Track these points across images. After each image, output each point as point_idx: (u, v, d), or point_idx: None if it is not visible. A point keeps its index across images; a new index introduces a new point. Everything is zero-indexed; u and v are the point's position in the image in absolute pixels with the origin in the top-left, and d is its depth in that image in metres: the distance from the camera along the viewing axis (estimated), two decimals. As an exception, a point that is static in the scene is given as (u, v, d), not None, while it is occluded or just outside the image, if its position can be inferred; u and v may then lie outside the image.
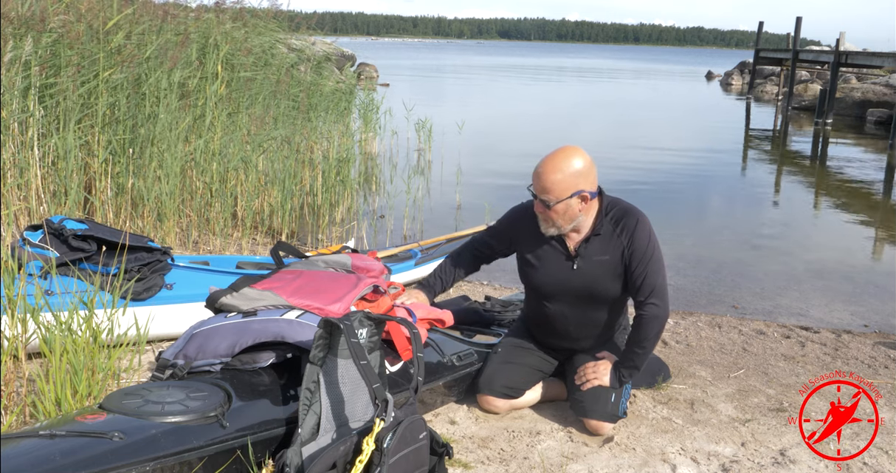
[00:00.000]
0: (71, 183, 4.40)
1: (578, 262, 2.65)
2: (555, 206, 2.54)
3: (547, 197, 2.54)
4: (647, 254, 2.61)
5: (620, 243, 2.62)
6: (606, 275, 2.64)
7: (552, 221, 2.59)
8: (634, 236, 2.61)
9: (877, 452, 2.60)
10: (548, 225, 2.62)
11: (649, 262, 2.61)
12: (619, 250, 2.62)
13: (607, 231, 2.64)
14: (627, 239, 2.61)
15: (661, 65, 72.79)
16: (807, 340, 4.01)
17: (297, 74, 8.15)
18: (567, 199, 2.53)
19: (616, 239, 2.63)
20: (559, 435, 2.63)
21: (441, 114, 12.79)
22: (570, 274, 2.67)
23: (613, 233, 2.64)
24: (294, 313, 2.38)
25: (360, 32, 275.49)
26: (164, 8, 6.33)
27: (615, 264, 2.63)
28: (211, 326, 2.33)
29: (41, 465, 1.68)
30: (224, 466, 1.95)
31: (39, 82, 4.48)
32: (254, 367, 2.25)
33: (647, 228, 2.64)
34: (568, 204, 2.55)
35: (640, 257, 2.60)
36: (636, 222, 2.63)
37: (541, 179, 2.54)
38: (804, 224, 7.77)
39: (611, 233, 2.64)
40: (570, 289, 2.69)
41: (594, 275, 2.64)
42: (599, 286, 2.65)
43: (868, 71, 21.49)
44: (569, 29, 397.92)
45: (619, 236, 2.63)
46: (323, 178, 6.22)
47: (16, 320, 2.45)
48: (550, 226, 2.62)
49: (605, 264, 2.63)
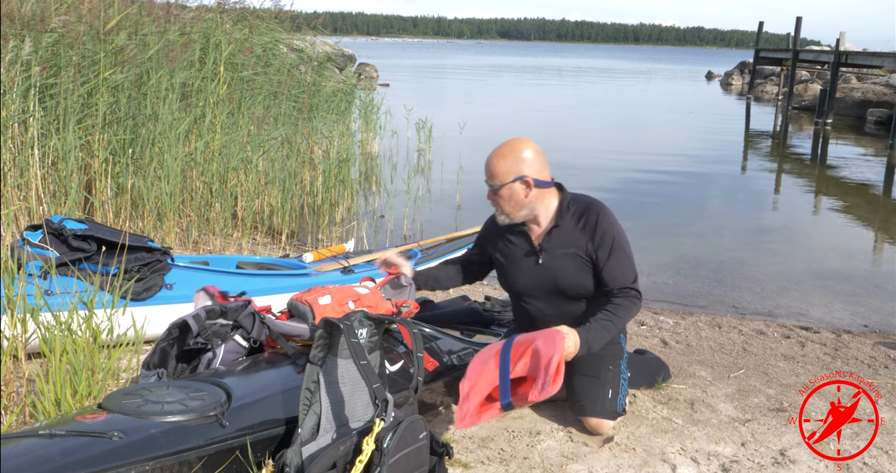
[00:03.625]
0: (71, 183, 4.40)
1: (543, 256, 2.67)
2: (500, 190, 2.61)
3: (492, 182, 2.63)
4: (614, 246, 2.61)
5: (584, 236, 2.62)
6: (573, 268, 2.64)
7: (500, 207, 2.66)
8: (597, 229, 2.61)
9: (877, 452, 2.60)
10: (498, 213, 2.69)
11: (617, 253, 2.61)
12: (583, 243, 2.62)
13: (569, 224, 2.65)
14: (591, 233, 2.62)
15: (661, 65, 72.78)
16: (807, 340, 4.01)
17: (297, 74, 8.15)
18: (510, 183, 2.59)
19: (579, 233, 2.63)
20: (559, 435, 2.63)
21: (441, 114, 12.80)
22: (536, 269, 2.69)
23: (576, 227, 2.64)
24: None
25: (361, 32, 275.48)
26: (165, 8, 6.33)
27: (580, 257, 2.63)
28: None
29: (41, 465, 1.68)
30: (224, 466, 1.95)
31: (40, 82, 4.48)
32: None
33: (609, 219, 2.64)
34: (511, 188, 2.60)
35: (607, 250, 2.60)
36: (598, 215, 2.63)
37: (487, 165, 2.64)
38: (804, 224, 7.77)
39: (573, 226, 2.64)
40: (539, 285, 2.70)
41: (560, 269, 2.65)
42: (567, 280, 2.65)
43: (868, 71, 21.49)
44: (569, 29, 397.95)
45: (581, 230, 2.63)
46: (323, 178, 6.22)
47: (15, 320, 2.45)
48: (500, 213, 2.68)
49: (569, 258, 2.63)
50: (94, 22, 4.90)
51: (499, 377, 2.40)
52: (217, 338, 2.44)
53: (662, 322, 4.22)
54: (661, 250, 6.21)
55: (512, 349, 2.44)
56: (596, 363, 2.67)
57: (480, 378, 2.38)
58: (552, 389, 2.30)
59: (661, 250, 6.18)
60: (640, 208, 7.84)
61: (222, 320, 2.49)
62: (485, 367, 2.41)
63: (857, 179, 10.62)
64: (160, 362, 2.37)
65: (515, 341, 2.47)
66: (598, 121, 17.64)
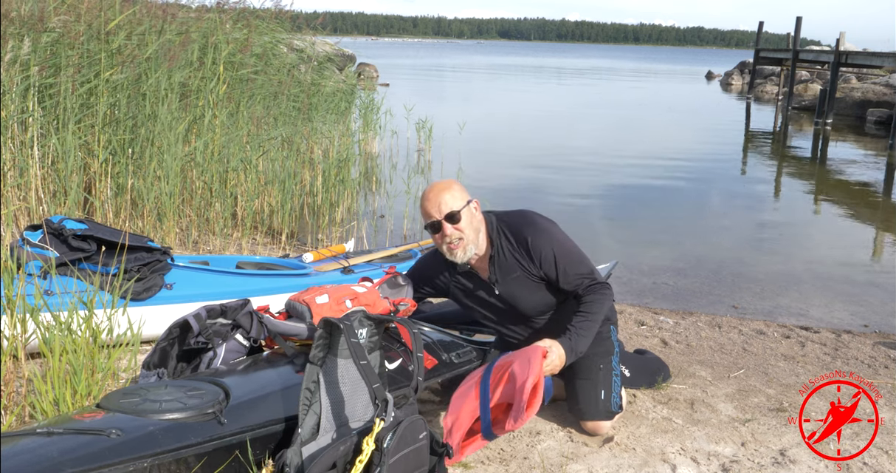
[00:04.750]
0: (71, 183, 4.40)
1: (498, 287, 2.64)
2: (458, 216, 2.51)
3: (450, 211, 2.51)
4: (557, 258, 2.57)
5: (524, 259, 2.59)
6: (529, 290, 2.62)
7: (465, 236, 2.54)
8: (532, 249, 2.57)
9: (877, 452, 2.60)
10: (462, 245, 2.55)
11: (563, 260, 2.57)
12: (525, 265, 2.59)
13: (506, 249, 2.61)
14: (528, 255, 2.58)
15: (661, 65, 72.79)
16: (807, 340, 4.01)
17: (297, 74, 8.14)
18: (466, 206, 2.54)
19: (519, 256, 2.59)
20: (559, 435, 2.63)
21: (441, 114, 12.79)
22: (495, 300, 2.66)
23: (513, 250, 2.60)
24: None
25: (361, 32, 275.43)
26: (164, 8, 6.33)
27: (530, 277, 2.60)
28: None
29: (39, 463, 1.68)
30: (224, 465, 1.95)
31: (39, 82, 4.48)
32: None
33: (540, 233, 2.59)
34: (469, 211, 2.55)
35: (552, 265, 2.57)
36: (527, 234, 2.58)
37: (435, 201, 2.53)
38: (804, 224, 7.77)
39: (511, 250, 2.60)
40: (504, 314, 2.69)
41: (517, 293, 2.63)
42: (528, 302, 2.64)
43: (868, 71, 21.49)
44: (569, 29, 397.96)
45: (520, 253, 2.59)
46: (323, 178, 6.22)
47: (15, 319, 2.45)
48: (465, 244, 2.55)
49: (520, 280, 2.61)
50: (94, 22, 4.89)
51: (479, 408, 2.38)
52: (218, 337, 2.44)
53: (662, 322, 4.22)
54: (661, 250, 6.21)
55: (491, 375, 2.42)
56: (587, 364, 2.65)
57: (462, 412, 2.35)
58: (526, 416, 2.28)
59: (661, 250, 6.18)
60: (640, 208, 7.83)
61: (222, 319, 2.49)
62: (466, 399, 2.38)
63: (857, 179, 10.62)
64: (160, 361, 2.37)
65: (495, 365, 2.45)
66: (598, 121, 17.63)
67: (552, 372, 2.48)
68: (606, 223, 7.07)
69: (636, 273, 5.33)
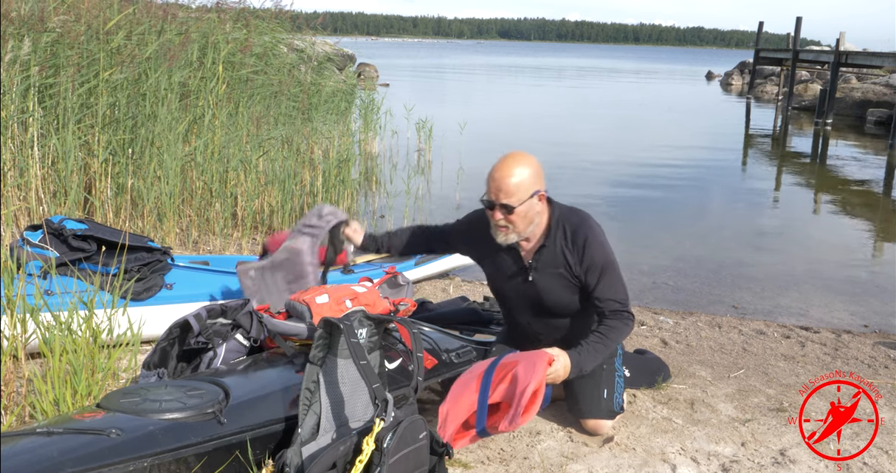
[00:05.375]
0: (71, 183, 4.40)
1: (533, 274, 2.62)
2: (518, 208, 2.49)
3: (508, 200, 2.47)
4: (603, 269, 2.55)
5: (573, 257, 2.57)
6: (561, 288, 2.60)
7: (513, 226, 2.52)
8: (586, 251, 2.55)
9: (877, 452, 2.60)
10: (506, 232, 2.53)
11: (607, 275, 2.56)
12: (571, 264, 2.57)
13: (559, 243, 2.58)
14: (580, 255, 2.56)
15: (661, 65, 72.79)
16: (807, 340, 4.01)
17: (297, 74, 8.14)
18: (528, 200, 2.49)
19: (568, 253, 2.57)
20: (559, 435, 2.63)
21: (441, 114, 12.79)
22: (525, 286, 2.64)
23: (566, 246, 2.58)
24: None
25: (361, 32, 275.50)
26: (164, 8, 6.33)
27: (569, 277, 2.58)
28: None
29: (39, 463, 1.68)
30: (224, 465, 1.95)
31: (39, 82, 4.48)
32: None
33: (598, 240, 2.58)
34: (529, 205, 2.51)
35: (597, 274, 2.55)
36: (587, 237, 2.56)
37: (498, 182, 2.47)
38: (804, 224, 7.77)
39: (563, 245, 2.58)
40: (527, 301, 2.67)
41: (549, 288, 2.61)
42: (556, 299, 2.62)
43: (868, 71, 21.49)
44: (569, 29, 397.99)
45: (571, 251, 2.57)
46: (323, 178, 6.22)
47: (15, 320, 2.45)
48: (510, 232, 2.54)
49: (557, 278, 2.59)
50: (93, 22, 4.89)
51: (477, 402, 2.36)
52: (218, 337, 2.44)
53: (662, 322, 4.22)
54: (661, 250, 6.21)
55: (495, 372, 2.40)
56: None
57: (459, 403, 2.33)
58: (522, 420, 2.27)
59: (661, 250, 6.18)
60: (640, 208, 7.83)
61: (223, 319, 2.49)
62: (465, 390, 2.37)
63: (857, 179, 10.62)
64: (160, 362, 2.37)
65: (500, 363, 2.42)
66: (598, 121, 17.63)
67: (553, 381, 2.46)
68: (606, 223, 6.98)
69: (636, 273, 5.32)
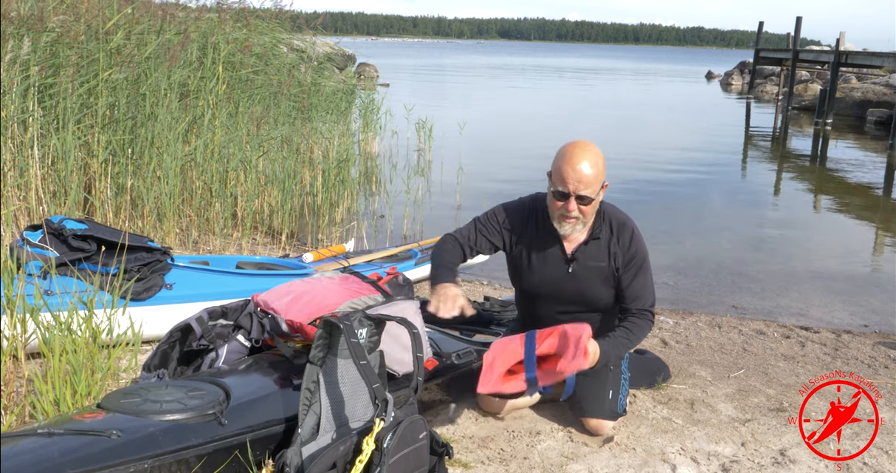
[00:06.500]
0: (71, 183, 4.40)
1: (574, 266, 2.64)
2: (592, 200, 2.50)
3: (587, 192, 2.47)
4: (642, 267, 2.63)
5: (616, 251, 2.62)
6: (600, 281, 2.64)
7: (583, 216, 2.54)
8: (630, 247, 2.62)
9: (877, 452, 2.60)
10: (575, 223, 2.54)
11: (643, 274, 2.63)
12: (614, 258, 2.62)
13: (605, 237, 2.63)
14: (623, 250, 2.61)
15: (661, 65, 72.79)
16: (807, 340, 4.01)
17: (297, 74, 8.14)
18: (600, 190, 2.53)
19: (613, 248, 2.62)
20: (559, 435, 2.63)
21: (441, 114, 12.79)
22: (565, 278, 2.66)
23: (610, 240, 2.63)
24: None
25: (361, 32, 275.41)
26: (164, 8, 6.33)
27: (609, 271, 2.63)
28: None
29: (39, 463, 1.68)
30: (224, 465, 1.95)
31: (38, 82, 4.48)
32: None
33: (641, 239, 2.66)
34: (599, 196, 2.55)
35: (635, 269, 2.62)
36: (632, 234, 2.64)
37: (581, 175, 2.45)
38: (804, 224, 7.77)
39: (608, 240, 2.63)
40: (562, 292, 2.68)
41: (588, 280, 2.64)
42: (592, 292, 2.65)
43: (868, 71, 21.49)
44: (569, 29, 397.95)
45: (615, 245, 2.62)
46: (323, 178, 6.22)
47: (15, 319, 2.45)
48: (578, 223, 2.55)
49: (599, 271, 2.63)
50: (93, 21, 4.89)
51: (524, 353, 2.40)
52: (220, 339, 2.44)
53: (662, 322, 4.22)
54: (661, 250, 6.21)
55: (537, 333, 2.45)
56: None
57: (504, 352, 2.38)
58: (583, 361, 2.31)
59: (661, 250, 6.18)
60: (640, 208, 7.82)
61: (223, 320, 2.49)
62: (510, 344, 2.42)
63: (857, 179, 10.62)
64: (161, 363, 2.37)
65: (539, 331, 2.46)
66: (598, 121, 17.63)
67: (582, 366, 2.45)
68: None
69: (636, 273, 5.32)
